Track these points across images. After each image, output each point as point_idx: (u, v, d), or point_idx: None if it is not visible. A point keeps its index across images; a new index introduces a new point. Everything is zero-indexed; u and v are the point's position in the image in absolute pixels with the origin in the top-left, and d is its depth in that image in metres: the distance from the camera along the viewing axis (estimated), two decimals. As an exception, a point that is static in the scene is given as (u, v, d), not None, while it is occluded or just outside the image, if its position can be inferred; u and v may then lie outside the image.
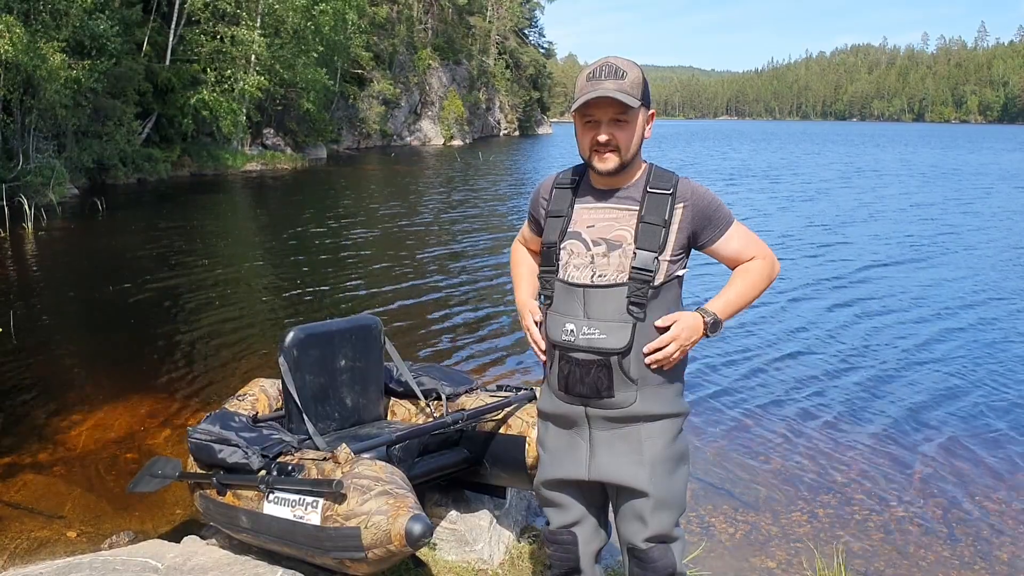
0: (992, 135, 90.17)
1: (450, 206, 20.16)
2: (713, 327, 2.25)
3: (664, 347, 2.21)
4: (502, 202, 21.70)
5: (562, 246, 2.28)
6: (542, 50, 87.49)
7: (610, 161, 2.22)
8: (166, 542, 3.57)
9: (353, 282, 10.84)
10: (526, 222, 2.60)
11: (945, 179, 30.12)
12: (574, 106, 2.20)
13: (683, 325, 2.22)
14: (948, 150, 53.85)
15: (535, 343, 2.44)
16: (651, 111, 2.27)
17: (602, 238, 2.23)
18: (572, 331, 2.23)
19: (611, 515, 2.49)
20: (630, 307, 2.19)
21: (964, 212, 19.74)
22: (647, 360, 2.22)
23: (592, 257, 2.23)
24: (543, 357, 2.41)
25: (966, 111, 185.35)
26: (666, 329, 2.23)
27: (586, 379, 2.23)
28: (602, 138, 2.20)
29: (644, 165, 2.32)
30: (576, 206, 2.31)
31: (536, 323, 2.44)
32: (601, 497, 2.45)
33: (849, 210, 19.73)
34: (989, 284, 11.02)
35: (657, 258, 2.19)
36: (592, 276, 2.22)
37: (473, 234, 15.54)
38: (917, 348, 7.96)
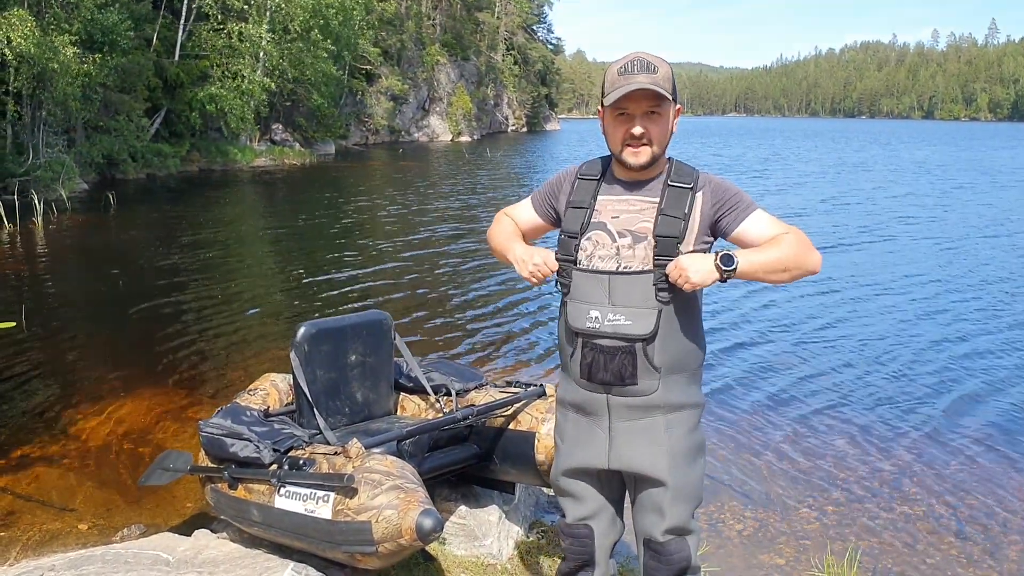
0: (998, 133, 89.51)
1: (458, 202, 20.18)
2: (724, 259, 2.09)
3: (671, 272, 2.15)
4: (510, 199, 21.70)
5: (586, 236, 2.28)
6: (550, 46, 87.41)
7: (643, 154, 2.22)
8: (177, 535, 3.59)
9: (363, 278, 10.86)
10: (528, 203, 2.53)
11: (926, 174, 30.64)
12: (609, 100, 2.17)
13: (689, 258, 2.13)
14: (944, 147, 53.97)
15: (540, 267, 2.31)
16: (678, 106, 2.28)
17: (627, 230, 2.24)
18: (597, 318, 2.23)
19: (626, 509, 2.50)
20: (658, 294, 2.19)
21: (929, 205, 20.35)
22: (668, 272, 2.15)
23: (617, 249, 2.23)
24: (546, 275, 2.32)
25: (976, 108, 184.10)
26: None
27: (610, 365, 2.23)
28: (637, 131, 2.19)
29: (666, 160, 2.32)
30: (600, 197, 2.31)
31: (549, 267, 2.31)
32: (619, 488, 2.45)
33: (817, 201, 20.56)
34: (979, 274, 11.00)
35: (678, 246, 2.19)
36: (618, 266, 2.23)
37: (481, 231, 15.53)
38: (916, 342, 7.95)
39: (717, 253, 2.13)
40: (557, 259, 2.33)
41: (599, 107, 2.29)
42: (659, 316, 2.20)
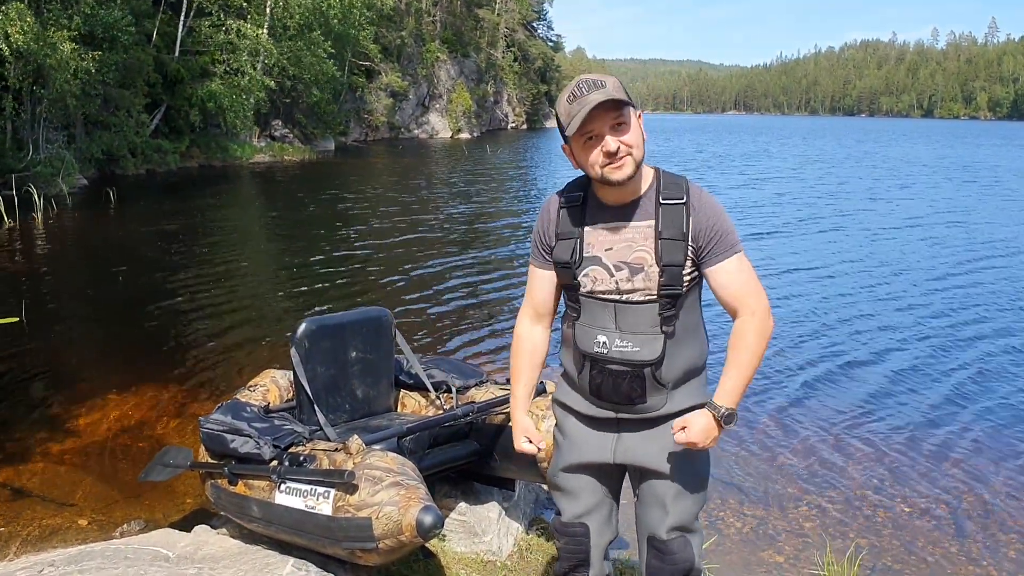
0: (993, 131, 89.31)
1: (458, 199, 20.15)
2: (727, 419, 2.19)
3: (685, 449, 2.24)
4: (510, 195, 21.69)
5: (584, 272, 2.23)
6: (550, 43, 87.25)
7: (627, 166, 2.12)
8: (177, 531, 3.59)
9: (363, 274, 10.86)
10: (531, 269, 2.39)
11: (902, 169, 31.29)
12: (571, 128, 2.10)
13: (696, 430, 2.19)
14: (934, 145, 54.12)
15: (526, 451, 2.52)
16: (638, 112, 2.18)
17: (623, 262, 2.19)
18: (604, 343, 2.21)
19: (620, 512, 2.50)
20: (663, 324, 2.18)
21: (892, 198, 21.03)
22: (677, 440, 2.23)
23: (616, 283, 2.19)
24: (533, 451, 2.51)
25: (976, 107, 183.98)
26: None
27: (620, 388, 2.23)
28: (612, 146, 2.10)
29: (651, 171, 2.25)
30: (587, 228, 2.24)
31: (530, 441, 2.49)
32: (616, 487, 2.45)
33: (780, 193, 21.45)
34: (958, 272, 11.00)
35: (682, 272, 2.17)
36: (620, 297, 2.20)
37: (482, 227, 15.54)
38: (914, 338, 7.95)
39: (716, 418, 2.19)
40: (561, 285, 2.31)
41: (562, 145, 2.23)
42: (666, 340, 2.20)
